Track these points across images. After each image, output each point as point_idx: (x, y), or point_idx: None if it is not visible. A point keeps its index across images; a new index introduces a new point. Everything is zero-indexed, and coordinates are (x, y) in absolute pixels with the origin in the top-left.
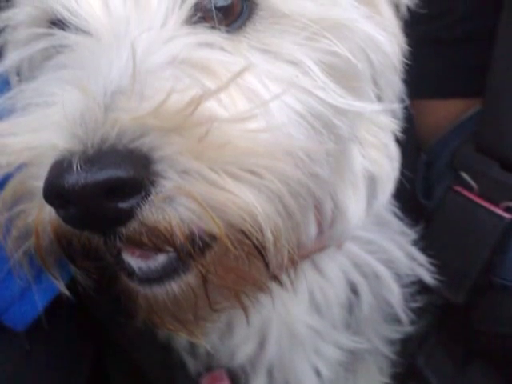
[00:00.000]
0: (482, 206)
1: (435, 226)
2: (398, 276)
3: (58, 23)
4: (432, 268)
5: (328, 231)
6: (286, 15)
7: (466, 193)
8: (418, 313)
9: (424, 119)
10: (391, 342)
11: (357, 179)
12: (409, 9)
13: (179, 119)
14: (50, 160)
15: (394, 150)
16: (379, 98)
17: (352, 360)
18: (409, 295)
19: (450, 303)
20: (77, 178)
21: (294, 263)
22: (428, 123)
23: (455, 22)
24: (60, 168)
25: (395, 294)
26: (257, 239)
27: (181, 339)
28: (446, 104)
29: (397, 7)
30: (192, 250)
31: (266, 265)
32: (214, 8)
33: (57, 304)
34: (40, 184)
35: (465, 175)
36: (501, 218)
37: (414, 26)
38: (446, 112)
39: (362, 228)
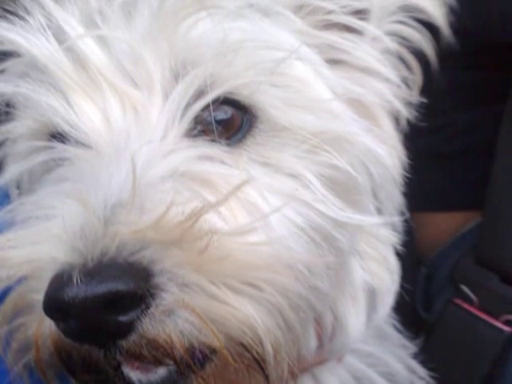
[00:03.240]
0: (482, 319)
1: (435, 339)
2: None
3: (57, 136)
4: (432, 381)
5: (328, 344)
6: (286, 128)
7: (465, 306)
8: None
9: (424, 232)
10: None
11: (357, 292)
12: (408, 122)
13: (179, 232)
14: (49, 273)
15: (394, 263)
16: (379, 211)
17: None
18: None
19: None
20: (77, 291)
21: (293, 376)
22: (428, 236)
23: (455, 135)
24: (60, 281)
25: None
26: (257, 352)
27: None
28: (446, 217)
29: (397, 120)
30: (192, 362)
31: (266, 378)
32: (213, 121)
33: None
34: (40, 297)
35: (465, 288)
36: (500, 331)
37: (413, 138)
38: (446, 225)
39: (361, 341)
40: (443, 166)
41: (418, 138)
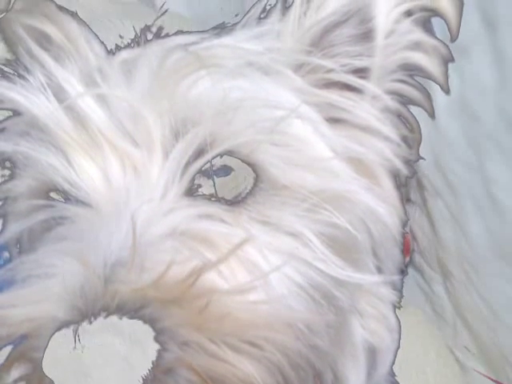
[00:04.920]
0: None
1: None
2: None
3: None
4: None
5: None
6: (286, 187)
7: None
8: None
9: None
10: None
11: (357, 351)
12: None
13: (179, 291)
14: (50, 332)
15: (394, 322)
16: (379, 270)
17: None
18: None
19: None
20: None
21: None
22: None
23: None
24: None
25: None
26: None
27: None
28: None
29: (397, 179)
30: None
31: None
32: (214, 180)
33: None
34: (40, 355)
35: None
36: None
37: None
38: None
39: None
40: None
41: None
